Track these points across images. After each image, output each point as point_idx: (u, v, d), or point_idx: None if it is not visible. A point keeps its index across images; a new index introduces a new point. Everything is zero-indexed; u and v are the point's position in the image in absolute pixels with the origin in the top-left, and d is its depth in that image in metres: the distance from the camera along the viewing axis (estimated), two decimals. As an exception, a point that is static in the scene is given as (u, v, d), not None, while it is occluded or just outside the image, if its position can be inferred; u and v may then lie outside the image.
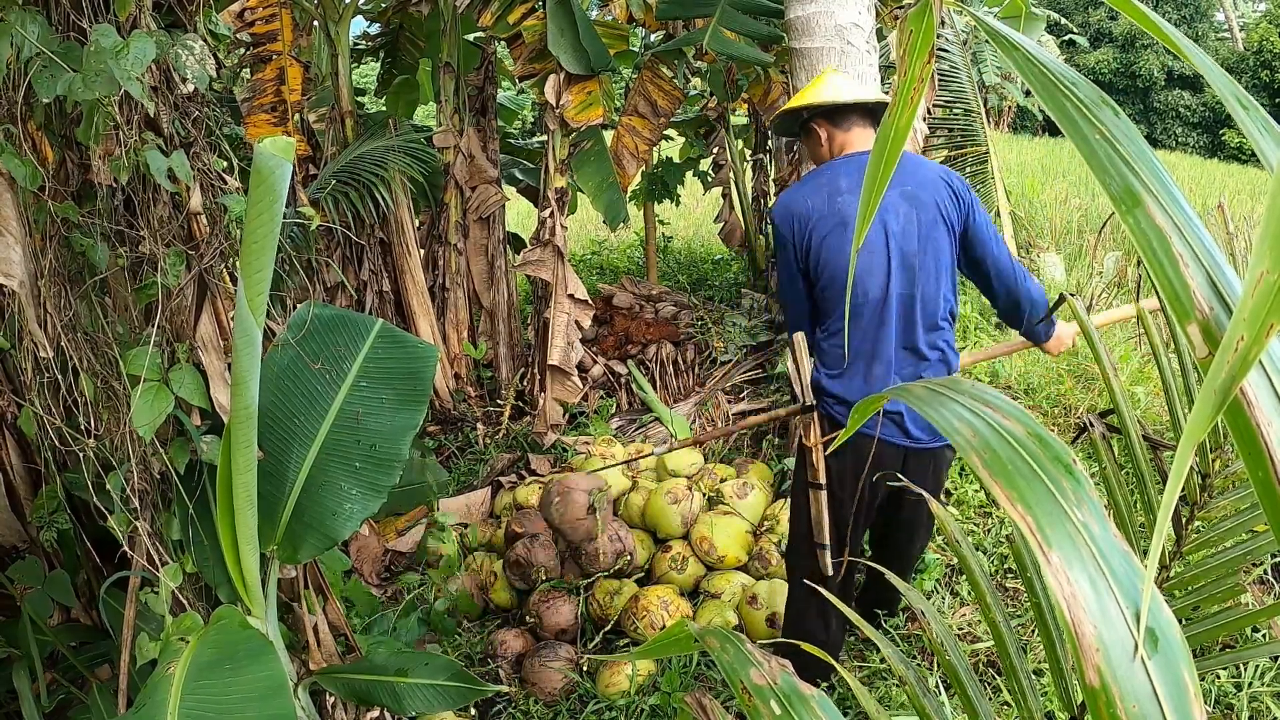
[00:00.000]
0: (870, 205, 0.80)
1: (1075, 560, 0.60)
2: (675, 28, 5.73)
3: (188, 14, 1.92)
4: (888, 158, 0.76)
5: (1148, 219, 0.60)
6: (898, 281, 2.37)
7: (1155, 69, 25.11)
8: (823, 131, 2.54)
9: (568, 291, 4.84)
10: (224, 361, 1.98)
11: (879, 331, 2.39)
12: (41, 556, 2.17)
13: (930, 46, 0.70)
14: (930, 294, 2.40)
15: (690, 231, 10.22)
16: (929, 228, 2.38)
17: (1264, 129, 0.63)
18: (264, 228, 1.47)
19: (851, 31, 3.25)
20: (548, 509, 3.46)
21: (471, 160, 5.26)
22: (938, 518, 1.35)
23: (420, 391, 2.22)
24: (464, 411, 5.19)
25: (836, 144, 2.53)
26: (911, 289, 2.38)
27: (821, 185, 2.45)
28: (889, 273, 2.37)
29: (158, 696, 1.53)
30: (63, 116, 1.81)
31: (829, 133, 2.53)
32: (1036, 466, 0.65)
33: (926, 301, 2.40)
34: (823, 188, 2.44)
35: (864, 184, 0.81)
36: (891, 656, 1.25)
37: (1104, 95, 0.66)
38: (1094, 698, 0.58)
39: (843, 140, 2.52)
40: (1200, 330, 0.58)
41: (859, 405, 0.86)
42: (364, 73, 12.78)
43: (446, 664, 2.17)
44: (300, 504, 2.06)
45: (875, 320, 2.39)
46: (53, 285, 1.83)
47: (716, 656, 0.91)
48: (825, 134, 2.53)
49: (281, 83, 4.51)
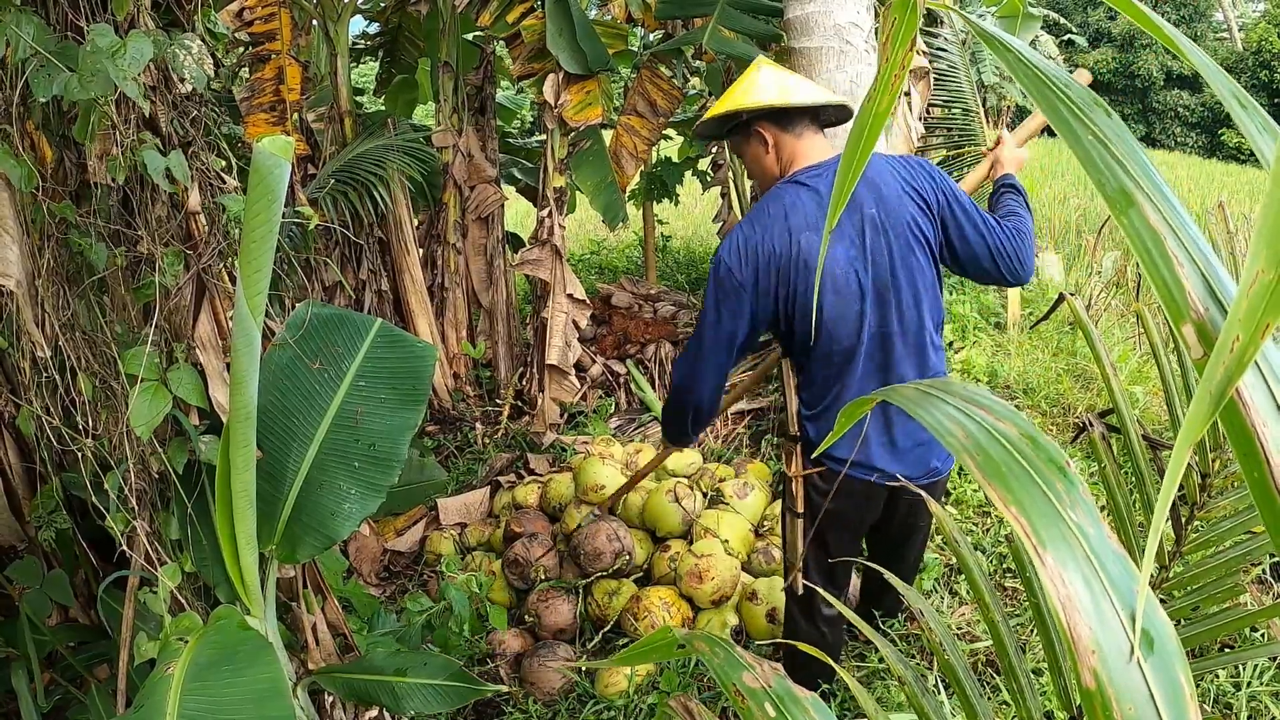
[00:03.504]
0: (840, 200, 0.77)
1: (1070, 562, 0.60)
2: (674, 27, 5.73)
3: (186, 13, 1.92)
4: (863, 147, 0.76)
5: (1142, 219, 0.60)
6: (872, 321, 2.12)
7: (1154, 69, 25.11)
8: (769, 136, 2.19)
9: (566, 291, 4.84)
10: (222, 361, 1.98)
11: (852, 376, 2.16)
12: (40, 556, 2.17)
13: (913, 35, 0.70)
14: (912, 326, 2.16)
15: (689, 231, 10.22)
16: (903, 253, 2.11)
17: (1262, 128, 0.63)
18: (262, 227, 1.47)
19: (850, 31, 3.25)
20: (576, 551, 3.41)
21: (470, 160, 5.26)
22: (935, 517, 1.35)
23: (419, 391, 2.22)
24: (463, 411, 5.19)
25: (785, 154, 2.20)
26: (887, 326, 2.13)
27: (777, 215, 2.12)
28: (862, 315, 2.11)
29: (156, 697, 1.53)
30: (61, 116, 1.81)
31: (776, 138, 2.19)
32: (1030, 468, 0.65)
33: (907, 335, 2.16)
34: (778, 219, 2.11)
35: (837, 178, 0.78)
36: (890, 656, 1.25)
37: (1096, 96, 0.66)
38: (1090, 700, 0.58)
39: (792, 151, 2.19)
40: (1195, 331, 0.58)
41: (845, 410, 0.84)
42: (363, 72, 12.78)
43: (445, 664, 2.17)
44: (299, 503, 2.06)
45: (849, 364, 2.15)
46: (51, 285, 1.83)
47: (707, 660, 0.91)
48: (772, 140, 2.19)
49: (280, 82, 4.51)
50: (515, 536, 3.61)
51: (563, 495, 3.79)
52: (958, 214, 2.17)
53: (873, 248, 2.09)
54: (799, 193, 2.12)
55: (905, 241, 2.11)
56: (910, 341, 2.16)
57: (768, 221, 2.11)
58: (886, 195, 2.11)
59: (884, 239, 2.09)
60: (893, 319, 2.13)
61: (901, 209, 2.11)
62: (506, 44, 4.74)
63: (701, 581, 3.19)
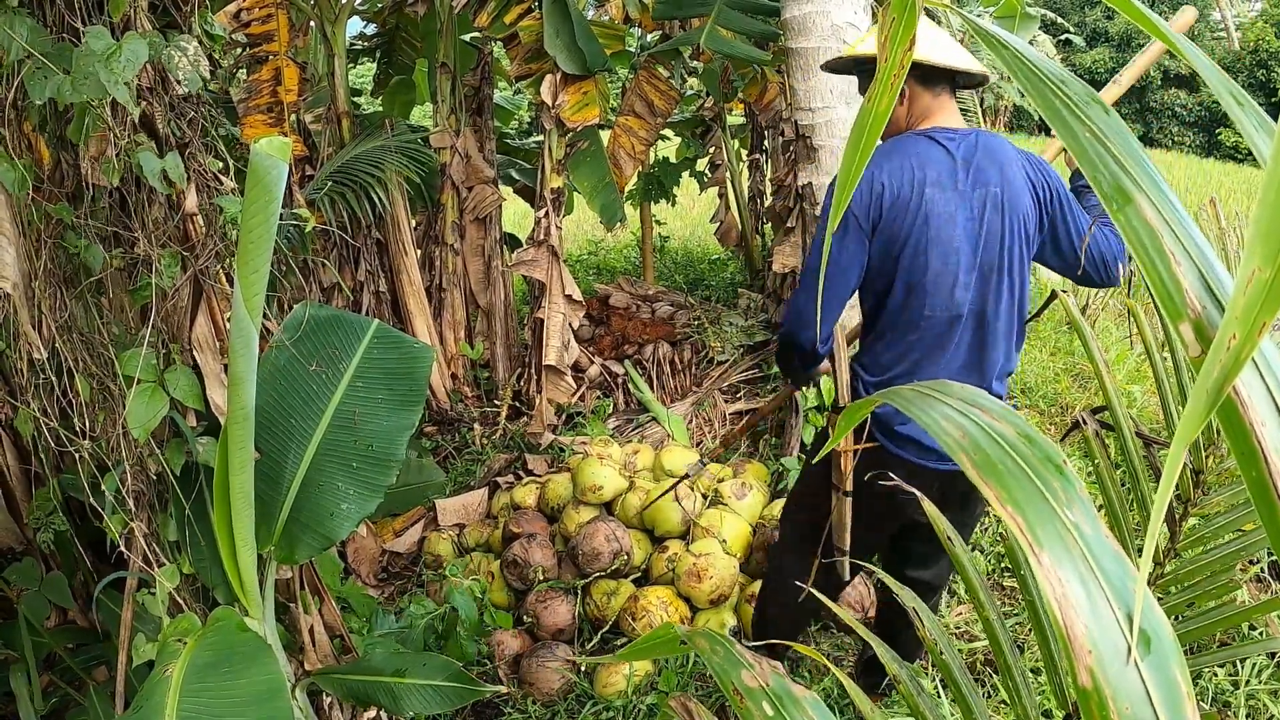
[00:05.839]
0: (845, 191, 0.77)
1: (1066, 560, 0.60)
2: (671, 28, 5.74)
3: (183, 15, 1.92)
4: (864, 147, 0.76)
5: (1139, 216, 0.60)
6: (973, 297, 2.08)
7: (1151, 68, 25.13)
8: (907, 89, 2.14)
9: (565, 292, 4.84)
10: (220, 362, 1.98)
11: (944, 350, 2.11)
12: (38, 558, 2.17)
13: (911, 34, 0.70)
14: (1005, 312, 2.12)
15: (687, 231, 10.23)
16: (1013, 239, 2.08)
17: (1259, 126, 0.63)
18: (260, 228, 1.46)
19: (848, 31, 3.25)
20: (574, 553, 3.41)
21: (468, 160, 5.26)
22: (933, 518, 1.35)
23: (417, 392, 2.21)
24: (461, 412, 5.18)
25: (919, 109, 2.15)
26: (985, 305, 2.09)
27: (907, 163, 2.06)
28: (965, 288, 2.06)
29: (155, 698, 1.53)
30: (58, 117, 1.81)
31: (914, 92, 2.15)
32: (1026, 467, 0.65)
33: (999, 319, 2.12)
34: (909, 168, 2.05)
35: (840, 169, 0.78)
36: (886, 656, 1.25)
37: (1093, 92, 0.65)
38: (1087, 698, 0.58)
39: (926, 107, 2.14)
40: (1192, 329, 0.58)
41: (846, 413, 0.84)
42: (360, 73, 12.77)
43: (444, 664, 2.17)
44: (297, 504, 2.06)
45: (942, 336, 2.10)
46: (47, 286, 1.83)
47: (706, 658, 0.91)
48: (910, 92, 2.15)
49: (278, 83, 4.51)
50: (514, 537, 3.61)
51: (561, 496, 3.79)
52: (1066, 216, 2.16)
53: (989, 225, 2.06)
54: (932, 148, 2.08)
55: (1016, 229, 2.09)
56: (1001, 328, 2.14)
57: (898, 162, 2.07)
58: (1011, 180, 2.09)
59: (1001, 220, 2.07)
60: (991, 300, 2.10)
61: (1020, 198, 2.09)
62: (504, 44, 4.74)
63: (700, 581, 3.19)
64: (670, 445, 4.18)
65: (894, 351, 2.15)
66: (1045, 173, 2.18)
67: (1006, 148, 2.16)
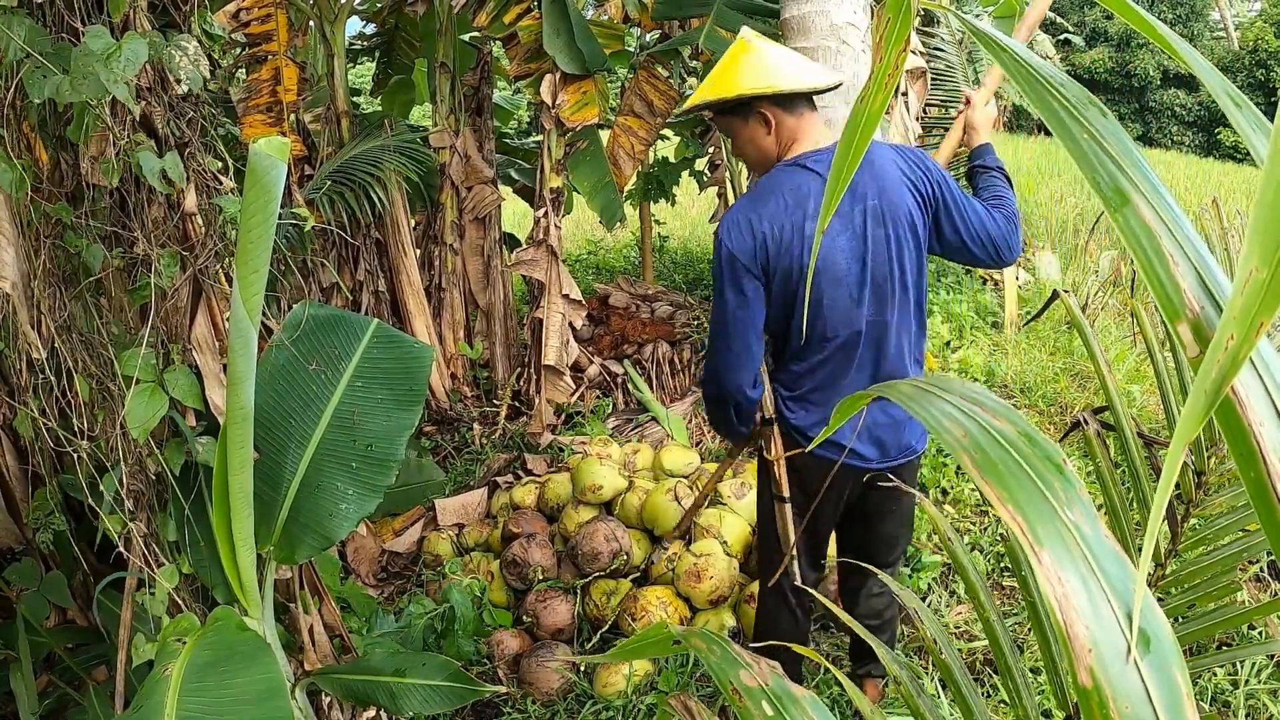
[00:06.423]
0: (832, 201, 0.77)
1: (1066, 560, 0.60)
2: (671, 28, 5.73)
3: (182, 14, 1.92)
4: (856, 147, 0.75)
5: (1136, 217, 0.60)
6: (870, 311, 2.12)
7: (1151, 68, 25.14)
8: (771, 117, 2.12)
9: (563, 292, 4.84)
10: (219, 362, 1.98)
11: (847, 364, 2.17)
12: (38, 558, 2.17)
13: (907, 34, 0.70)
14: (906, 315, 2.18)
15: (686, 231, 10.22)
16: (901, 245, 2.12)
17: (1256, 125, 0.63)
18: (259, 228, 1.46)
19: (847, 31, 3.25)
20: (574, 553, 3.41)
21: (467, 160, 5.26)
22: (932, 517, 1.35)
23: (416, 392, 2.21)
24: (460, 412, 5.18)
25: (785, 135, 2.14)
26: (883, 316, 2.14)
27: (782, 202, 2.08)
28: (861, 305, 2.11)
29: (155, 698, 1.53)
30: (58, 117, 1.81)
31: (778, 119, 2.12)
32: (1027, 466, 0.65)
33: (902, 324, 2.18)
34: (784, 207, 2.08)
35: (830, 177, 0.78)
36: (885, 656, 1.25)
37: (1090, 95, 0.66)
38: (1087, 698, 0.58)
39: (792, 130, 2.13)
40: (1191, 329, 0.58)
41: (841, 405, 0.84)
42: (359, 73, 12.77)
43: (443, 664, 2.17)
44: (296, 504, 2.06)
45: (843, 352, 2.15)
46: (47, 286, 1.83)
47: (703, 658, 0.91)
48: (774, 120, 2.12)
49: (277, 83, 4.51)
50: (513, 537, 3.61)
51: (560, 496, 3.79)
52: (950, 205, 2.18)
53: (874, 239, 2.09)
54: (806, 177, 2.10)
55: (902, 234, 2.11)
56: (903, 330, 2.19)
57: (775, 204, 2.09)
58: (887, 186, 2.11)
59: (884, 230, 2.09)
60: (890, 307, 2.14)
61: (900, 200, 2.11)
62: (503, 44, 4.74)
63: (699, 581, 3.19)
64: (670, 445, 4.18)
65: (806, 367, 2.21)
66: (923, 166, 2.21)
67: (877, 150, 2.18)
